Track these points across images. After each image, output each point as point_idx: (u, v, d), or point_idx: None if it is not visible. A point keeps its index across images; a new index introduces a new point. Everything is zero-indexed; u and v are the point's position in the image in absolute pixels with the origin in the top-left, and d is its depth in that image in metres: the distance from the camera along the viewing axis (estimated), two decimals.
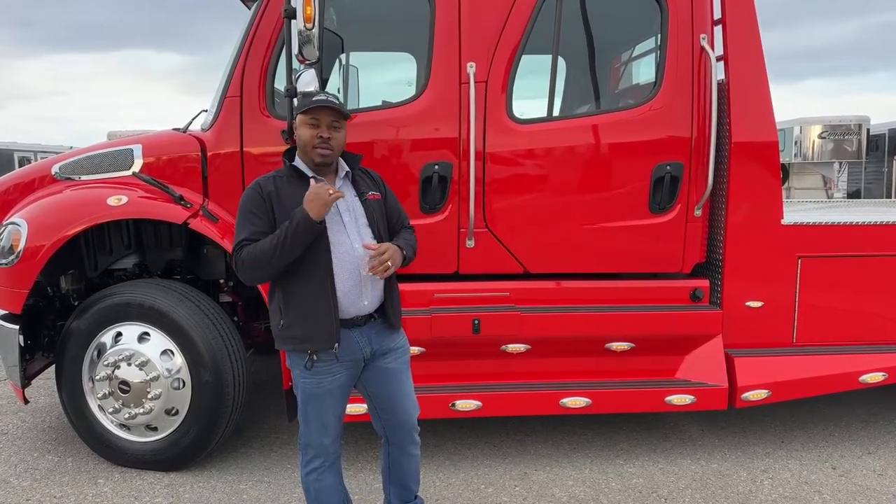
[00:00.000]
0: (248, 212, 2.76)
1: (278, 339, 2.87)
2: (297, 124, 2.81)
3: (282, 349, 2.94)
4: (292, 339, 2.81)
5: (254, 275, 2.78)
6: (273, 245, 2.65)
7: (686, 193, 4.19)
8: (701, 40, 4.10)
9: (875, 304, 4.42)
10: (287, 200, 2.74)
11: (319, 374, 2.82)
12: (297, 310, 2.77)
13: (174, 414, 4.06)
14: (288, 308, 2.79)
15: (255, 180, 2.84)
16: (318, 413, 2.88)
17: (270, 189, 2.77)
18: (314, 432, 2.90)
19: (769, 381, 4.25)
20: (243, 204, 2.78)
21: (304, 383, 2.85)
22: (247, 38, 4.06)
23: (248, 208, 2.76)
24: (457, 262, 4.18)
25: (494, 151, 4.09)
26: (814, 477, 4.14)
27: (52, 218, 4.04)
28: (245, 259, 2.70)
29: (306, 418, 2.90)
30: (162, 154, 4.19)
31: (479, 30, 4.03)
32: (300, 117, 2.80)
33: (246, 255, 2.70)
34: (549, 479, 4.10)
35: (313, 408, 2.87)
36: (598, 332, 4.19)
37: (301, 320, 2.77)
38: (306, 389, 2.86)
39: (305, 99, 2.84)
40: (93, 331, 4.06)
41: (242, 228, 2.75)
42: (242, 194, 2.83)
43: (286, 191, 2.78)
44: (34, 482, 4.07)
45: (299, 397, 2.90)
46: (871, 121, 18.15)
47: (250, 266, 2.71)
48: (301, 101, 2.91)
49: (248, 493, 3.92)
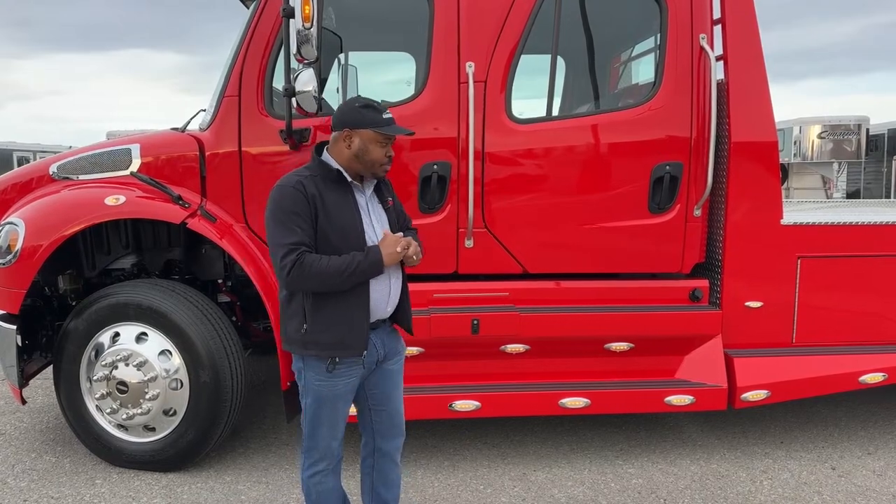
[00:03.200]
0: (292, 213, 2.64)
1: (296, 343, 2.78)
2: (365, 139, 2.72)
3: (298, 353, 2.80)
4: (316, 344, 2.73)
5: (308, 285, 2.66)
6: (341, 270, 2.62)
7: (685, 193, 4.18)
8: (700, 40, 4.10)
9: (875, 304, 4.41)
10: (332, 206, 2.70)
11: (337, 378, 2.78)
12: (330, 316, 2.71)
13: (172, 414, 4.04)
14: (316, 313, 2.70)
15: (289, 178, 2.71)
16: (330, 416, 2.83)
17: (313, 191, 2.67)
18: (324, 435, 2.85)
19: (769, 382, 4.24)
20: (285, 203, 2.65)
21: (320, 387, 2.78)
22: (245, 38, 4.05)
23: (292, 209, 2.64)
24: (456, 262, 4.17)
25: (493, 151, 4.08)
26: (813, 477, 4.13)
27: (49, 218, 4.02)
28: (308, 269, 2.60)
29: (318, 421, 2.83)
30: (160, 154, 4.18)
31: (478, 29, 4.02)
32: (370, 133, 2.72)
33: (310, 265, 2.60)
34: (547, 479, 4.09)
35: (327, 411, 2.82)
36: (597, 332, 4.18)
37: (333, 327, 2.71)
38: (321, 393, 2.79)
39: (375, 115, 2.74)
40: (91, 331, 4.05)
41: (290, 231, 2.62)
42: (278, 192, 2.68)
43: (330, 195, 2.71)
44: (31, 482, 4.06)
45: (310, 400, 2.82)
46: (870, 121, 18.15)
47: (311, 277, 2.61)
48: (370, 116, 2.74)
49: (247, 494, 3.91)
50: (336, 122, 2.79)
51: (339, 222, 2.71)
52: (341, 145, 2.76)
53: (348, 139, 2.74)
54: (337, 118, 2.80)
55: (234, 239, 4.06)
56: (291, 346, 2.82)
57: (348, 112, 2.78)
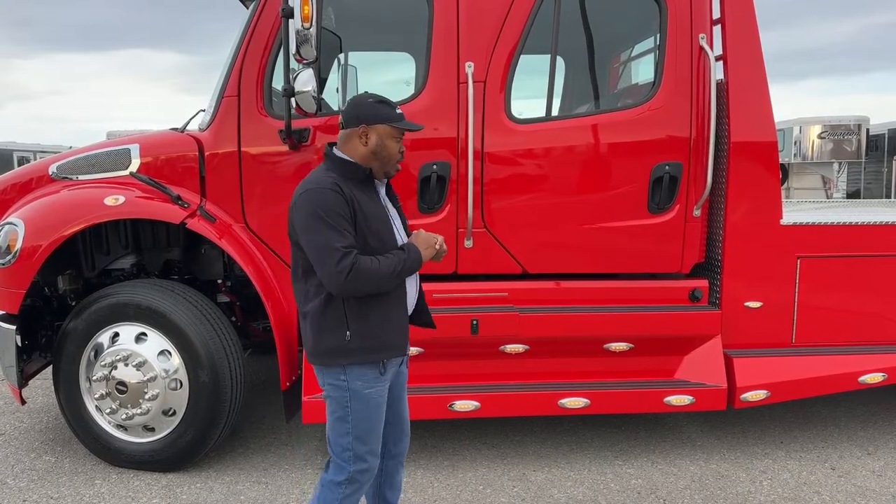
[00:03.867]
0: (337, 215, 2.55)
1: (336, 354, 2.66)
2: (381, 134, 2.67)
3: (338, 364, 2.67)
4: (363, 350, 2.66)
5: (363, 289, 2.59)
6: (393, 271, 2.61)
7: (685, 193, 4.18)
8: (700, 40, 4.10)
9: (874, 305, 4.41)
10: (366, 206, 2.65)
11: (385, 380, 2.75)
12: (374, 319, 2.66)
13: (171, 414, 4.04)
14: (360, 319, 2.64)
15: (321, 180, 2.61)
16: (379, 420, 2.77)
17: (349, 193, 2.61)
18: (375, 441, 2.77)
19: (768, 382, 4.24)
20: (328, 205, 2.55)
21: (371, 393, 2.70)
22: (244, 38, 4.05)
23: (336, 211, 2.55)
24: (455, 263, 4.17)
25: (493, 151, 4.08)
26: (813, 478, 4.13)
27: (49, 218, 4.03)
28: (365, 272, 2.54)
29: (370, 429, 2.73)
30: (159, 154, 4.18)
31: (478, 29, 4.02)
32: (385, 128, 2.68)
33: (366, 268, 2.54)
34: (547, 479, 4.09)
35: (378, 416, 2.75)
36: (596, 332, 4.18)
37: (378, 329, 2.67)
38: (373, 399, 2.71)
39: (389, 110, 2.70)
40: (90, 331, 4.05)
41: (340, 234, 2.54)
42: (317, 194, 2.56)
43: (362, 196, 2.66)
44: (31, 483, 4.05)
45: (359, 411, 2.69)
46: (870, 121, 18.15)
47: (368, 280, 2.56)
48: (385, 111, 2.69)
49: (246, 494, 3.91)
50: (349, 118, 2.70)
51: (375, 223, 2.68)
52: (356, 142, 2.69)
53: (364, 136, 2.67)
54: (350, 114, 2.70)
55: (234, 239, 4.06)
56: (327, 358, 2.69)
57: (364, 107, 2.70)
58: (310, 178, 2.69)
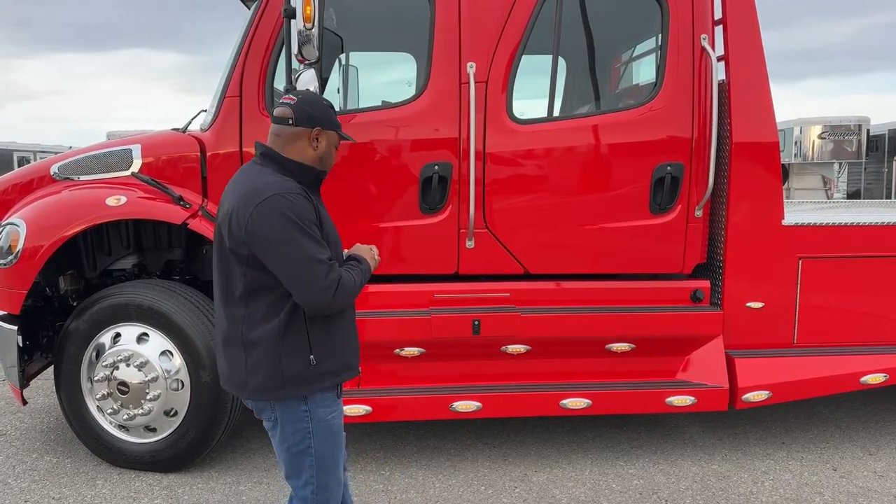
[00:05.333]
0: (312, 223, 2.35)
1: (300, 382, 2.41)
2: (331, 141, 2.51)
3: (299, 393, 2.42)
4: (329, 374, 2.46)
5: (343, 304, 2.42)
6: (361, 283, 2.46)
7: (687, 194, 4.17)
8: (701, 40, 4.09)
9: (876, 305, 4.40)
10: (324, 216, 2.48)
11: (340, 401, 2.58)
12: (338, 340, 2.48)
13: (173, 415, 4.04)
14: (324, 341, 2.43)
15: (283, 185, 2.36)
16: (342, 445, 2.60)
17: (312, 197, 2.43)
18: (338, 467, 2.58)
19: (770, 382, 4.24)
20: (303, 213, 2.32)
21: (334, 419, 2.52)
22: (246, 38, 4.04)
23: (311, 219, 2.35)
24: (457, 263, 4.16)
25: (494, 152, 4.07)
26: (815, 478, 4.12)
27: (50, 218, 4.02)
28: (347, 286, 2.36)
29: (334, 459, 2.55)
30: (161, 154, 4.18)
31: (480, 30, 4.02)
32: (335, 136, 2.53)
33: (347, 281, 2.37)
34: (549, 480, 4.08)
35: (341, 441, 2.59)
36: (598, 332, 4.18)
37: (339, 350, 2.49)
38: (335, 424, 2.53)
39: (336, 117, 2.57)
40: (91, 331, 4.05)
41: (319, 245, 2.33)
42: (287, 201, 2.31)
43: (319, 204, 2.49)
44: (32, 483, 4.05)
45: (323, 442, 2.49)
46: (871, 121, 18.14)
47: (348, 294, 2.39)
48: (335, 118, 2.56)
49: (248, 495, 3.90)
50: (303, 117, 2.45)
51: (330, 231, 2.51)
52: (304, 144, 2.46)
53: (315, 139, 2.47)
54: (305, 113, 2.46)
55: None
56: (288, 389, 2.41)
57: (321, 109, 2.52)
58: (266, 183, 2.37)
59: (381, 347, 4.00)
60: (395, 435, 4.62)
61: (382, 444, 4.50)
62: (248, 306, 2.40)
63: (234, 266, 2.40)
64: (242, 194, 2.38)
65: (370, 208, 4.09)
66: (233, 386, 2.53)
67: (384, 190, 4.09)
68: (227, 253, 2.41)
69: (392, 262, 4.11)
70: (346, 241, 2.63)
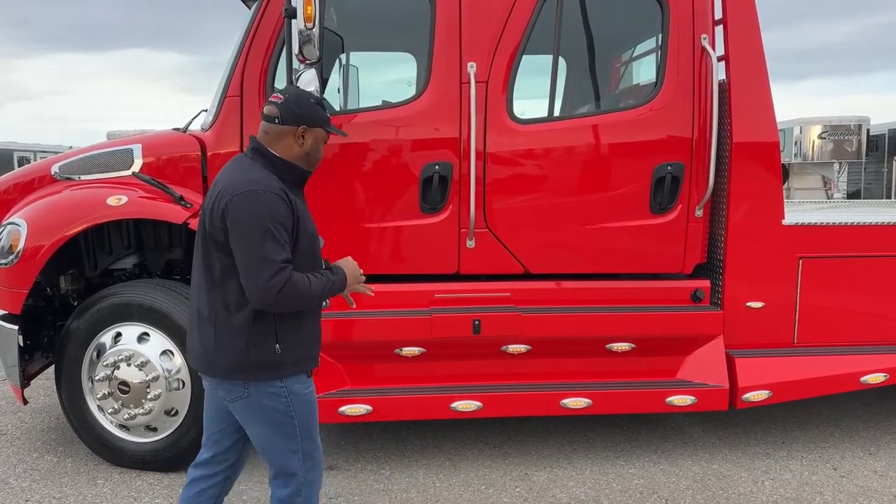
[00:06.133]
0: (281, 225, 2.42)
1: (265, 367, 2.52)
2: (317, 138, 2.60)
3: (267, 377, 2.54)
4: (293, 362, 2.58)
5: (289, 307, 2.49)
6: (320, 292, 2.52)
7: (687, 194, 4.18)
8: (702, 40, 4.10)
9: (876, 305, 4.40)
10: (301, 210, 2.54)
11: (310, 380, 2.73)
12: (304, 332, 2.60)
13: (174, 414, 4.04)
14: (290, 332, 2.54)
15: (265, 182, 2.45)
16: (317, 418, 2.74)
17: (292, 198, 2.49)
18: (318, 439, 2.74)
19: (770, 382, 4.24)
20: (275, 213, 2.41)
21: (309, 392, 2.66)
22: (247, 38, 4.04)
23: (281, 220, 2.42)
24: (457, 263, 4.16)
25: (495, 151, 4.07)
26: (815, 478, 4.13)
27: (51, 218, 4.02)
28: (296, 291, 2.42)
29: (314, 427, 2.70)
30: (162, 154, 4.18)
31: (480, 29, 4.02)
32: (322, 132, 2.61)
33: (298, 286, 2.42)
34: (549, 479, 4.09)
35: (316, 414, 2.72)
36: (598, 332, 4.18)
37: (304, 342, 2.62)
38: (311, 399, 2.67)
39: (325, 114, 2.64)
40: (92, 331, 4.04)
41: (279, 246, 2.40)
42: (263, 198, 2.41)
43: (300, 204, 2.56)
44: (33, 483, 4.06)
45: (303, 412, 2.62)
46: (871, 121, 18.14)
47: (296, 299, 2.45)
48: (323, 114, 2.63)
49: (249, 494, 3.91)
50: (289, 116, 2.53)
51: (311, 234, 2.58)
52: (290, 141, 2.54)
53: (301, 136, 2.55)
54: (293, 113, 2.53)
55: None
56: (259, 372, 2.53)
57: (307, 107, 2.58)
58: (249, 176, 2.47)
59: (381, 347, 4.01)
60: (395, 434, 4.62)
61: (383, 443, 4.50)
62: (222, 291, 2.51)
63: (212, 250, 2.51)
64: (227, 184, 2.49)
65: (371, 208, 4.09)
66: (202, 365, 2.62)
67: (385, 189, 4.09)
68: (208, 237, 2.52)
69: (392, 261, 4.11)
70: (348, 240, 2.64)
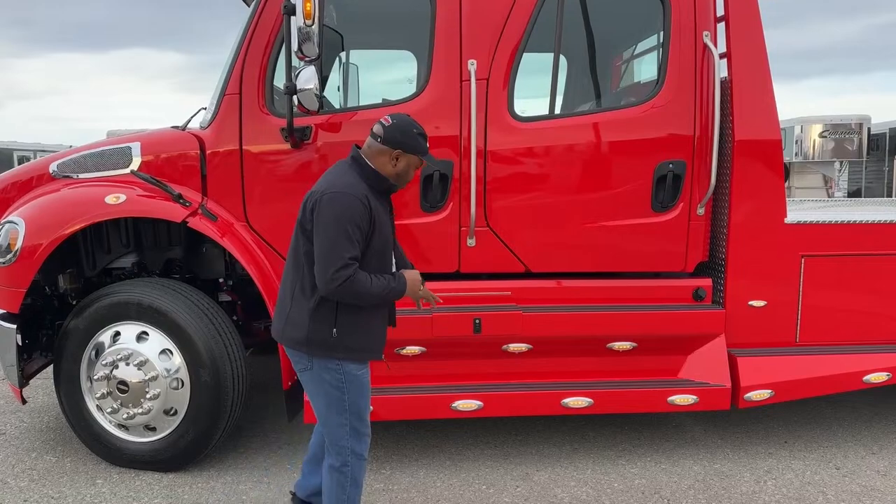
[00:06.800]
0: (357, 225, 2.75)
1: (320, 345, 2.87)
2: (411, 163, 2.93)
3: (322, 355, 2.89)
4: (347, 349, 2.88)
5: (346, 300, 2.81)
6: (378, 293, 2.82)
7: (689, 192, 4.15)
8: (704, 37, 4.07)
9: (879, 304, 4.38)
10: (380, 218, 2.86)
11: (368, 368, 3.02)
12: (361, 324, 2.89)
13: (173, 414, 4.02)
14: (347, 322, 2.85)
15: (354, 187, 2.80)
16: (369, 398, 3.03)
17: (373, 204, 2.82)
18: (368, 420, 3.03)
19: (772, 381, 4.22)
20: (354, 214, 2.74)
21: (362, 374, 2.96)
22: (246, 35, 4.02)
23: (357, 221, 2.75)
24: (458, 261, 4.14)
25: (496, 149, 4.05)
26: (817, 477, 4.10)
27: (49, 216, 4.00)
28: (355, 287, 2.74)
29: (364, 406, 2.99)
30: (160, 152, 4.16)
31: (481, 27, 4.00)
32: (416, 159, 2.93)
33: (359, 284, 2.74)
34: (550, 479, 4.06)
35: (368, 394, 3.02)
36: (600, 331, 4.16)
37: (360, 333, 2.90)
38: (364, 382, 2.97)
39: (425, 144, 2.93)
40: (91, 330, 4.02)
41: (351, 244, 2.73)
42: (347, 200, 2.74)
43: (381, 212, 2.87)
44: (31, 482, 4.03)
45: (354, 392, 2.94)
46: (871, 120, 18.12)
47: (354, 295, 2.77)
48: (423, 145, 2.93)
49: (248, 494, 3.89)
50: (391, 139, 2.87)
51: (385, 237, 2.90)
52: (386, 160, 2.89)
53: (396, 158, 2.89)
54: (394, 137, 2.87)
55: (235, 238, 4.04)
56: (314, 348, 2.88)
57: (408, 136, 2.89)
58: (343, 179, 2.83)
59: None
60: (396, 434, 4.60)
61: (383, 443, 4.48)
62: (302, 274, 2.88)
63: (300, 237, 2.88)
64: (324, 182, 2.88)
65: None
66: (278, 334, 3.02)
67: None
68: (299, 225, 2.88)
69: None
70: None
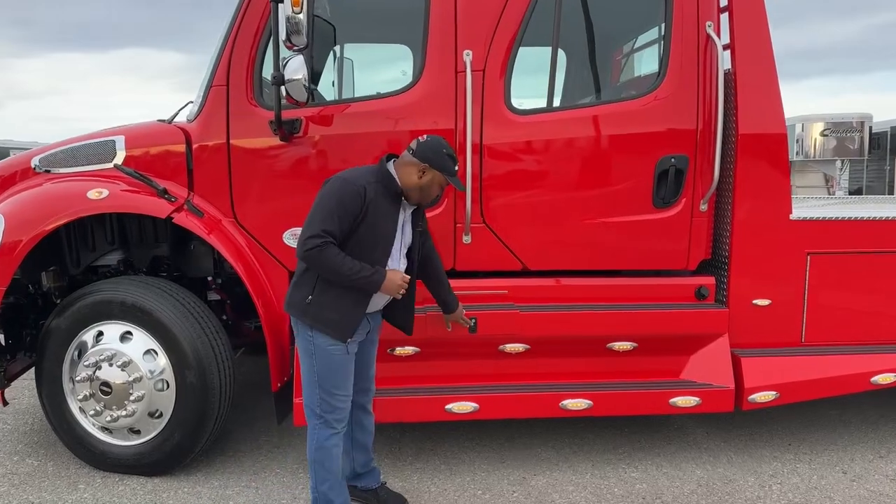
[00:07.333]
0: (343, 207, 2.97)
1: (297, 308, 3.11)
2: (436, 179, 3.13)
3: (301, 320, 3.11)
4: (313, 317, 3.08)
5: (316, 269, 3.04)
6: (347, 274, 2.98)
7: (691, 187, 4.04)
8: (707, 28, 3.96)
9: (887, 302, 4.28)
10: (378, 213, 3.05)
11: (343, 347, 3.14)
12: (333, 299, 3.06)
13: (158, 416, 3.90)
14: (323, 292, 3.06)
15: (358, 178, 3.04)
16: (345, 378, 3.18)
17: (371, 196, 3.01)
18: (343, 397, 3.18)
19: (777, 383, 4.11)
20: (344, 196, 2.98)
21: (333, 350, 3.11)
22: (234, 25, 3.90)
23: (345, 203, 2.97)
24: (453, 259, 4.03)
25: (492, 144, 3.94)
26: (824, 482, 3.99)
27: (29, 212, 3.89)
28: (324, 257, 2.96)
29: (335, 384, 3.15)
30: (145, 146, 4.04)
31: (477, 16, 3.88)
32: (441, 177, 3.12)
33: (328, 255, 2.95)
34: (548, 483, 3.95)
35: (342, 370, 3.16)
36: (599, 331, 4.05)
37: (331, 309, 3.07)
38: (333, 356, 3.12)
39: (453, 164, 3.14)
40: (73, 329, 3.90)
41: (330, 219, 2.95)
42: (343, 184, 3.01)
43: (381, 204, 3.06)
44: (12, 487, 3.92)
45: (323, 364, 3.12)
46: (873, 118, 18.05)
47: (322, 265, 2.99)
48: (450, 165, 3.13)
49: (235, 500, 3.77)
50: (421, 154, 3.09)
51: (381, 232, 3.08)
52: (412, 171, 3.10)
53: (422, 172, 3.10)
54: (424, 152, 3.09)
55: (223, 235, 3.93)
56: (292, 308, 3.17)
57: (437, 155, 3.10)
58: (356, 171, 3.14)
59: None
60: (388, 437, 4.48)
61: (376, 446, 4.32)
62: None
63: None
64: (342, 172, 3.17)
65: None
66: None
67: None
68: None
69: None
70: None
